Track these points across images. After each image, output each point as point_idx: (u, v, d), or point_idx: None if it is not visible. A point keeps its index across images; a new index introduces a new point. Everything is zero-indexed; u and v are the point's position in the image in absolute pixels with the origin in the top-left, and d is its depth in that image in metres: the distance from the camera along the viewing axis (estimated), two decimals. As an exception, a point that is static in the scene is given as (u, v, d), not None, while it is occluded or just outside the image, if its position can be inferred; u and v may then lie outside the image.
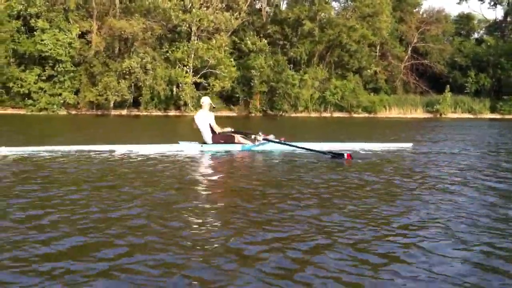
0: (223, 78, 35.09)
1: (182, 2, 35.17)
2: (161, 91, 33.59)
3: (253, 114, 38.02)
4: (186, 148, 8.28)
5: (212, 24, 34.49)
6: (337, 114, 40.48)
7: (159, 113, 35.74)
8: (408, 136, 14.69)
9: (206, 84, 35.38)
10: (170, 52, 35.18)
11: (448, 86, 42.69)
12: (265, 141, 8.32)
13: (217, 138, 8.52)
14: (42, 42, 31.65)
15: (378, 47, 45.67)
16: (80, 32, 33.51)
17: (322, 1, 40.19)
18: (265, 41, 38.95)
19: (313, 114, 39.83)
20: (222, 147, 8.39)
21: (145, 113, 35.15)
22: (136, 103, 35.53)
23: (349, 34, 40.39)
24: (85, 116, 31.68)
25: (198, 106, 35.48)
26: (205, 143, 8.52)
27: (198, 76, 35.33)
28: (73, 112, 34.19)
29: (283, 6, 45.48)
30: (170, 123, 24.01)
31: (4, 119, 24.96)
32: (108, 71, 33.59)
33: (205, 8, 35.45)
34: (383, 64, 45.20)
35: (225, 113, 38.13)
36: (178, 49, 34.95)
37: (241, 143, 8.56)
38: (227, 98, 38.66)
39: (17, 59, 32.79)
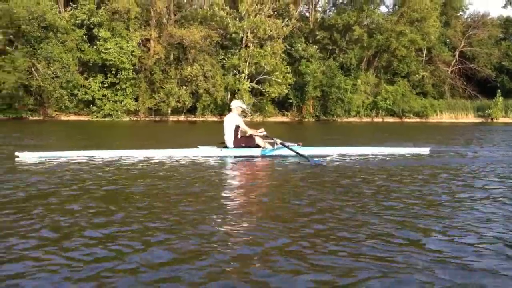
0: (278, 84, 35.60)
1: (233, 10, 35.97)
2: (219, 97, 34.15)
3: (306, 120, 38.37)
4: (205, 153, 8.22)
5: (268, 31, 35.00)
6: (388, 119, 40.60)
7: (215, 118, 36.37)
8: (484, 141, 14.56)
9: (263, 90, 35.89)
10: (226, 59, 35.86)
11: (499, 90, 42.43)
12: (281, 146, 8.26)
13: (238, 142, 8.40)
14: (106, 51, 32.53)
15: (424, 52, 45.68)
16: (140, 41, 34.32)
17: (371, 7, 40.48)
18: (315, 47, 39.44)
19: (365, 119, 40.03)
20: (240, 152, 8.30)
21: (201, 119, 35.82)
22: (191, 109, 36.18)
23: (399, 39, 40.56)
24: (145, 122, 32.37)
25: (254, 111, 36.38)
26: (226, 147, 8.45)
27: (254, 82, 35.87)
28: (133, 118, 34.97)
29: (328, 12, 45.74)
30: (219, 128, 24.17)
31: (70, 125, 25.68)
32: (167, 78, 34.35)
33: (257, 16, 36.03)
34: (430, 69, 45.17)
35: (279, 119, 38.61)
36: (233, 56, 35.61)
37: (261, 147, 8.46)
38: (279, 104, 39.10)
39: (80, 66, 33.73)
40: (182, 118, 35.99)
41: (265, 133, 8.56)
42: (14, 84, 29.20)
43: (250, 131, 8.47)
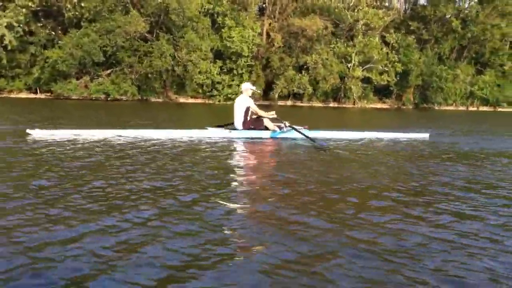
0: (385, 72, 37.69)
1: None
2: (334, 84, 36.32)
3: (405, 107, 40.33)
4: (213, 134, 8.10)
5: (380, 21, 36.97)
6: (482, 108, 42.38)
7: (320, 104, 38.56)
8: None
9: (372, 78, 37.95)
10: (337, 47, 37.93)
11: None
12: (290, 129, 8.24)
13: (248, 124, 8.32)
14: (230, 39, 34.76)
15: (508, 43, 47.00)
16: (260, 30, 36.50)
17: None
18: (413, 37, 41.20)
19: (460, 108, 41.88)
20: (250, 134, 8.20)
21: (307, 104, 37.98)
22: (295, 95, 38.40)
23: (492, 31, 42.11)
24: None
25: (362, 98, 38.55)
26: (234, 129, 8.39)
27: (362, 69, 37.93)
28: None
29: (418, 4, 47.21)
30: (333, 113, 25.85)
31: (200, 107, 27.73)
32: (283, 66, 36.54)
33: (361, 7, 37.98)
34: (515, 60, 46.59)
35: (378, 105, 40.64)
36: (344, 45, 37.69)
37: (270, 130, 8.37)
38: (378, 91, 41.07)
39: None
40: (289, 102, 38.22)
41: (275, 116, 8.45)
42: (160, 68, 31.76)
43: (260, 112, 8.37)
